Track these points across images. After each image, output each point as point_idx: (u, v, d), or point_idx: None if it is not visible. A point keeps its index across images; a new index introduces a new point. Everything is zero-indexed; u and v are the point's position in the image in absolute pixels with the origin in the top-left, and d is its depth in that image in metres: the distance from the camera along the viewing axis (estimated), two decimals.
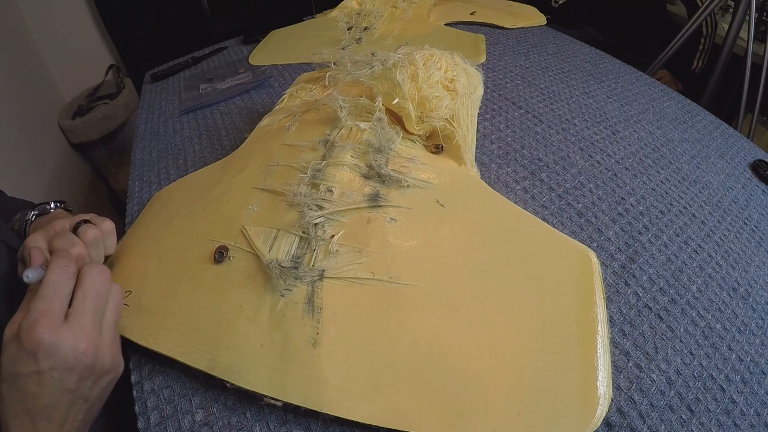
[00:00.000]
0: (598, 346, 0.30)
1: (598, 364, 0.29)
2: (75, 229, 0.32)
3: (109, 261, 0.38)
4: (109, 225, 0.35)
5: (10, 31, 1.12)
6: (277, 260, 0.31)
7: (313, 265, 0.31)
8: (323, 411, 0.27)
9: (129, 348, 0.33)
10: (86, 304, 0.26)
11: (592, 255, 0.35)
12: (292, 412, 0.29)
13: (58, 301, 0.25)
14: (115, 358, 0.27)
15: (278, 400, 0.28)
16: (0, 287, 0.31)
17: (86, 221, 0.33)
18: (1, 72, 0.97)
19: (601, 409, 0.27)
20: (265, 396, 0.28)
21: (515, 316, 0.31)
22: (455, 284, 0.32)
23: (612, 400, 0.28)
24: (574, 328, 0.30)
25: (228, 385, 0.29)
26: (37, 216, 0.37)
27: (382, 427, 0.27)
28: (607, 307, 0.33)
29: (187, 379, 0.31)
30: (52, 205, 0.38)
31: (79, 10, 1.36)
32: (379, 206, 0.34)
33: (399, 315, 0.30)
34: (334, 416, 0.27)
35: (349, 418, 0.27)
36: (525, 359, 0.29)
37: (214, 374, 0.29)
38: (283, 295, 0.30)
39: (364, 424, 0.27)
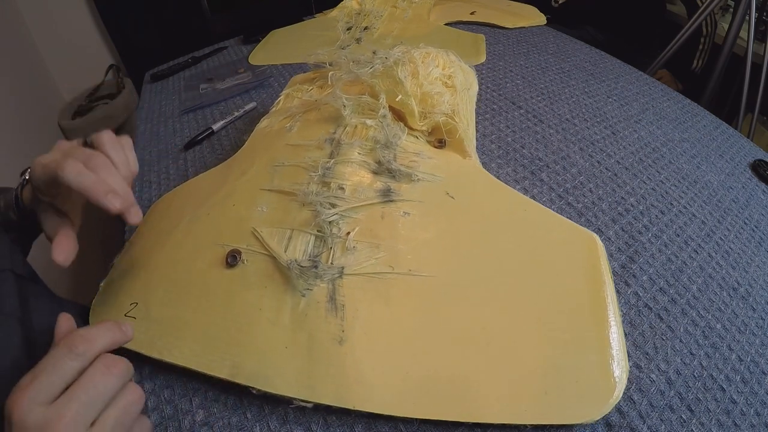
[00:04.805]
0: (611, 323, 0.30)
1: (611, 342, 0.29)
2: (85, 144, 0.30)
3: (110, 275, 0.37)
4: (125, 137, 0.32)
5: (10, 31, 1.12)
6: (296, 260, 0.31)
7: (332, 263, 0.31)
8: (356, 408, 0.27)
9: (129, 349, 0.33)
10: (77, 394, 0.22)
11: (597, 238, 0.36)
12: (293, 412, 0.29)
13: (48, 379, 0.22)
14: None
15: (308, 402, 0.27)
16: (11, 320, 0.29)
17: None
18: (1, 72, 0.97)
19: (621, 376, 0.28)
20: (295, 399, 0.28)
21: (532, 300, 0.32)
22: (472, 273, 0.33)
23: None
24: (587, 307, 0.31)
25: (254, 391, 0.28)
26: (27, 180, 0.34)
27: (381, 423, 0.27)
28: None
29: (188, 379, 0.31)
30: None
31: (79, 10, 1.36)
32: (392, 201, 0.35)
33: (422, 307, 0.30)
34: (337, 415, 0.27)
35: (381, 413, 0.27)
36: (547, 340, 0.29)
37: (237, 382, 0.28)
38: (303, 295, 0.30)
39: (368, 421, 0.27)
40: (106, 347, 0.25)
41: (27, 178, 0.33)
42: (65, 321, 0.27)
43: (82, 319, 0.36)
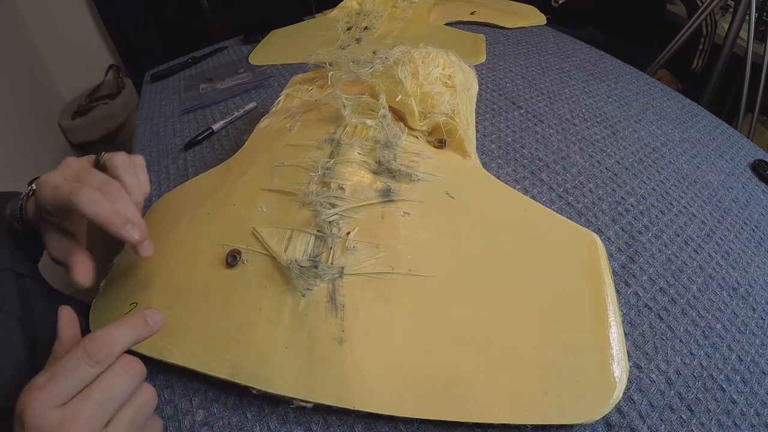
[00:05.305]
0: (611, 323, 0.30)
1: (611, 342, 0.29)
2: (96, 165, 0.29)
3: (110, 275, 0.37)
4: (138, 156, 0.31)
5: (10, 31, 1.12)
6: (296, 260, 0.31)
7: (332, 263, 0.31)
8: (356, 408, 0.27)
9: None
10: (93, 395, 0.22)
11: (597, 238, 0.36)
12: (293, 412, 0.29)
13: (65, 383, 0.22)
14: None
15: (308, 402, 0.27)
16: (11, 319, 0.29)
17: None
18: (1, 72, 0.97)
19: (621, 376, 0.28)
20: (295, 399, 0.28)
21: (532, 300, 0.32)
22: (472, 273, 0.33)
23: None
24: (587, 307, 0.31)
25: (254, 391, 0.28)
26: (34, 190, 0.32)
27: (381, 423, 0.27)
28: None
29: (188, 379, 0.31)
30: None
31: (79, 10, 1.36)
32: (392, 201, 0.35)
33: (422, 307, 0.30)
34: (337, 415, 0.27)
35: (381, 413, 0.27)
36: (547, 340, 0.29)
37: (237, 381, 0.28)
38: (303, 295, 0.30)
39: (368, 421, 0.27)
40: (127, 347, 0.24)
41: (33, 189, 0.32)
42: (67, 314, 0.26)
43: (84, 317, 0.35)
